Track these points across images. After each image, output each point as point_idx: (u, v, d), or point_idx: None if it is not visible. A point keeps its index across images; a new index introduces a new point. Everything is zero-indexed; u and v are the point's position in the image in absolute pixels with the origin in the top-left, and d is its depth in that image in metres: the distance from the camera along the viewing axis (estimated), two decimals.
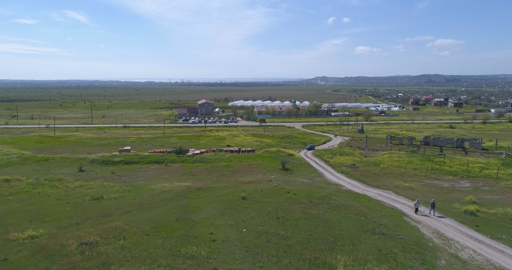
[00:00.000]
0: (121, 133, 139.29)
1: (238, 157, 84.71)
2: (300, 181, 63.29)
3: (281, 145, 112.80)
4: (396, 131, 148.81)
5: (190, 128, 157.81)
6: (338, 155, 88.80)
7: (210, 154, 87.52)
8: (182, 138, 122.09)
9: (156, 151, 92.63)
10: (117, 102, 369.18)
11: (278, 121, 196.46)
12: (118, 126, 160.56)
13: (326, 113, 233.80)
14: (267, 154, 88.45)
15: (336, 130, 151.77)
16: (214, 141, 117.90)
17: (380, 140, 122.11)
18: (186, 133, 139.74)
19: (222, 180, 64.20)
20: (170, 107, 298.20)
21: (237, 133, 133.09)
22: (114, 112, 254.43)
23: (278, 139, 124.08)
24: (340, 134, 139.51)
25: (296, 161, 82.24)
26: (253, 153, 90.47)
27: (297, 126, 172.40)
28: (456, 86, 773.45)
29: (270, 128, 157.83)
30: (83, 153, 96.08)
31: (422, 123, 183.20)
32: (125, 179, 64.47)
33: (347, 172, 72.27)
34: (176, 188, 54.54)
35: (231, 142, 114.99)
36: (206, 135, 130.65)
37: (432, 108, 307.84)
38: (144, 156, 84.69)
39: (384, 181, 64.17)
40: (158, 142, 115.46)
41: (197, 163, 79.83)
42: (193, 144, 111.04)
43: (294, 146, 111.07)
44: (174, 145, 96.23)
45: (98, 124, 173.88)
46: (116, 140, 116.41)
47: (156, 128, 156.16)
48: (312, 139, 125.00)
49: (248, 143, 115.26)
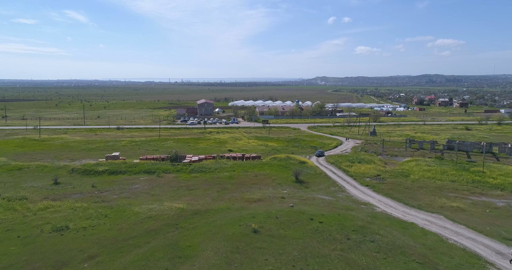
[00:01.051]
0: (113, 135, 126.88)
1: (242, 166, 72.44)
2: (321, 199, 51.10)
3: (289, 149, 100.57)
4: (410, 133, 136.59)
5: (189, 130, 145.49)
6: (357, 163, 76.56)
7: (210, 162, 75.19)
8: (179, 142, 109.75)
9: (148, 158, 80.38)
10: (115, 102, 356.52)
11: (281, 122, 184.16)
12: (111, 128, 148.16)
13: (331, 114, 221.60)
14: (276, 162, 76.16)
15: (346, 132, 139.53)
16: (214, 145, 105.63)
17: (397, 144, 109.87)
18: (183, 135, 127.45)
19: (225, 196, 52.00)
20: (169, 107, 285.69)
21: (239, 136, 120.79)
22: (110, 113, 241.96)
23: (284, 142, 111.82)
24: (351, 136, 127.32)
25: (310, 170, 70.01)
26: (259, 161, 78.13)
27: (303, 127, 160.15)
28: (457, 86, 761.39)
29: (274, 130, 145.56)
30: (65, 159, 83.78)
31: (435, 125, 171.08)
32: (106, 196, 52.17)
33: (373, 185, 60.09)
34: (166, 212, 42.30)
35: (233, 146, 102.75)
36: (205, 138, 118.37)
37: (437, 108, 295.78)
38: (134, 164, 72.33)
39: (423, 198, 51.97)
40: (153, 146, 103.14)
41: (195, 173, 67.53)
42: (191, 149, 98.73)
43: (303, 151, 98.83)
44: (169, 151, 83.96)
45: (90, 125, 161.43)
46: (105, 144, 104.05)
47: (152, 129, 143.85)
48: (321, 142, 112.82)
49: (252, 147, 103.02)
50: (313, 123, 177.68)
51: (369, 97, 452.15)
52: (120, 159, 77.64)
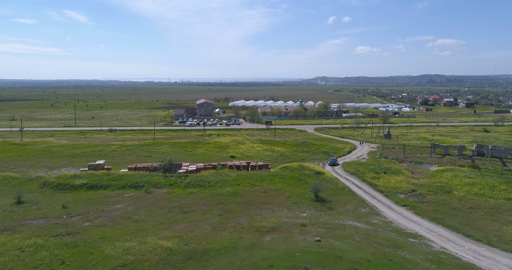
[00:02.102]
0: (104, 138, 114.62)
1: (248, 177, 60.23)
2: (353, 227, 38.99)
3: (298, 155, 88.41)
4: (427, 136, 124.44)
5: (187, 132, 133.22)
6: (383, 174, 64.40)
7: (210, 173, 62.90)
8: (176, 146, 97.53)
9: (137, 167, 68.19)
10: (112, 102, 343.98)
11: (285, 123, 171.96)
12: (103, 129, 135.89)
13: (336, 114, 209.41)
14: (287, 173, 63.94)
15: (357, 134, 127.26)
16: (214, 150, 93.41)
17: (418, 149, 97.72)
18: (181, 138, 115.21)
19: (229, 223, 39.90)
20: (167, 107, 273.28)
21: (242, 139, 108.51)
22: (106, 113, 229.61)
23: (292, 147, 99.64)
24: (364, 139, 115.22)
25: (329, 184, 57.83)
26: (267, 171, 65.85)
27: (309, 129, 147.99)
28: (458, 86, 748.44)
29: (279, 132, 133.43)
30: (42, 168, 71.56)
31: (449, 126, 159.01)
32: (75, 223, 39.97)
33: (412, 204, 47.91)
34: (148, 256, 30.12)
35: (235, 152, 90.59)
36: (204, 141, 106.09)
37: (444, 109, 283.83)
38: (119, 175, 60.05)
39: (484, 225, 39.85)
40: (145, 151, 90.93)
41: (191, 188, 55.28)
42: (188, 155, 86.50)
43: (315, 158, 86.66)
44: (163, 158, 71.72)
45: (82, 126, 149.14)
46: (92, 149, 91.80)
47: (147, 132, 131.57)
48: (333, 146, 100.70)
49: (257, 152, 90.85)
50: (319, 124, 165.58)
51: (371, 97, 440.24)
52: (104, 170, 65.40)
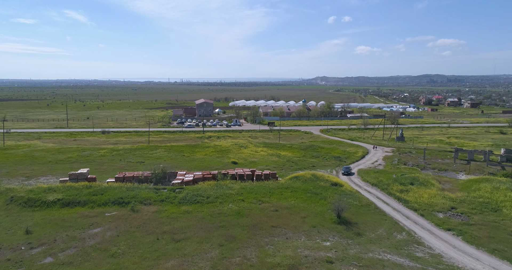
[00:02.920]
0: (95, 141, 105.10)
1: (254, 190, 50.74)
2: (395, 264, 29.53)
3: (307, 161, 78.97)
4: (442, 139, 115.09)
5: (185, 134, 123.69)
6: (410, 185, 54.95)
7: (209, 185, 53.33)
8: (172, 150, 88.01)
9: (126, 176, 58.77)
10: (110, 101, 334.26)
11: (289, 124, 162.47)
12: (95, 131, 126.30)
13: (341, 115, 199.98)
14: (299, 184, 54.43)
15: (367, 137, 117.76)
16: (214, 155, 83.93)
17: (437, 153, 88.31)
18: (178, 141, 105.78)
19: (233, 259, 30.47)
20: (166, 107, 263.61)
21: (245, 142, 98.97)
22: (102, 113, 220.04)
23: (300, 151, 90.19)
24: (376, 142, 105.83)
25: (351, 198, 48.33)
26: (276, 182, 56.26)
27: (314, 130, 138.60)
28: (459, 86, 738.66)
29: (283, 134, 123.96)
30: (18, 177, 62.12)
31: (461, 127, 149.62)
32: (33, 259, 30.41)
33: (458, 228, 38.47)
34: None
35: (238, 157, 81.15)
36: (204, 145, 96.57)
37: (449, 109, 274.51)
38: (101, 189, 50.47)
39: None
40: (138, 156, 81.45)
41: (186, 204, 45.78)
42: (185, 161, 77.02)
43: (326, 164, 77.25)
44: (155, 166, 62.34)
45: (74, 128, 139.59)
46: (79, 154, 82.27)
47: (142, 134, 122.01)
48: (344, 150, 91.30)
49: (262, 158, 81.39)
50: (324, 125, 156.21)
51: (373, 97, 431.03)
52: (85, 181, 55.91)
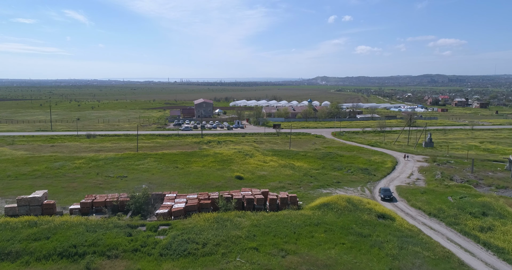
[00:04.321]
0: (75, 147, 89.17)
1: (272, 230, 34.73)
2: None
3: (329, 175, 63.18)
4: (474, 144, 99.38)
5: (181, 138, 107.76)
6: (484, 217, 39.28)
7: (206, 221, 37.14)
8: (163, 160, 72.05)
9: (96, 201, 43.07)
10: (107, 101, 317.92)
11: (295, 126, 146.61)
12: (80, 135, 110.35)
13: (350, 116, 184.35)
14: (334, 217, 38.48)
15: (389, 141, 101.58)
16: (214, 166, 67.98)
17: (481, 164, 72.46)
18: (172, 147, 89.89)
19: None
20: (164, 107, 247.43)
21: (250, 150, 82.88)
22: (95, 114, 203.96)
23: (316, 161, 74.30)
24: (401, 149, 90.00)
25: (415, 244, 32.55)
26: (299, 214, 40.35)
27: (325, 133, 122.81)
28: (460, 86, 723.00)
29: (292, 138, 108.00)
30: None
31: (486, 130, 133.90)
32: None
33: None
34: None
35: (243, 169, 65.28)
36: (201, 153, 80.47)
37: (459, 109, 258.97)
38: (50, 229, 34.32)
39: None
40: (121, 168, 65.55)
41: (170, 260, 29.70)
42: (178, 175, 61.17)
43: (353, 179, 61.45)
44: (135, 187, 46.60)
45: (57, 131, 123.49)
46: (49, 166, 66.24)
47: (132, 138, 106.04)
48: (368, 159, 75.46)
49: (272, 170, 65.52)
50: (335, 127, 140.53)
51: (376, 97, 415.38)
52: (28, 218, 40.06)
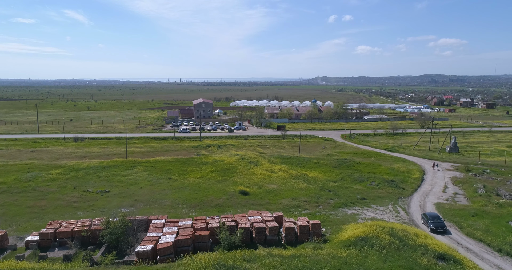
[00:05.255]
0: (58, 153, 78.50)
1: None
2: None
3: (351, 189, 52.70)
4: (502, 148, 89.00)
5: (178, 142, 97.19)
6: None
7: (199, 265, 26.98)
8: (154, 170, 61.45)
9: (60, 231, 32.65)
10: (104, 101, 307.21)
11: (300, 127, 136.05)
12: (67, 138, 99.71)
13: (356, 116, 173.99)
14: (377, 261, 27.97)
15: (407, 145, 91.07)
16: (213, 177, 57.36)
17: None
18: (167, 152, 79.32)
19: None
20: (162, 108, 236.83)
21: (255, 156, 72.23)
22: (90, 114, 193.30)
23: (332, 170, 63.73)
24: (422, 155, 79.55)
25: None
26: (327, 253, 29.75)
27: (334, 136, 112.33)
28: (461, 86, 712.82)
29: (300, 142, 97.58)
30: None
31: (506, 132, 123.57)
32: None
33: None
34: None
35: (247, 182, 54.70)
36: (199, 160, 69.80)
37: (467, 110, 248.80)
38: None
39: None
40: (104, 180, 54.99)
41: None
42: (171, 188, 50.59)
43: (380, 193, 50.89)
44: (112, 212, 36.15)
45: (44, 133, 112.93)
46: (19, 177, 55.59)
47: (124, 142, 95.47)
48: (391, 168, 64.96)
49: (283, 182, 54.93)
50: (343, 129, 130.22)
51: (378, 97, 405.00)
52: None
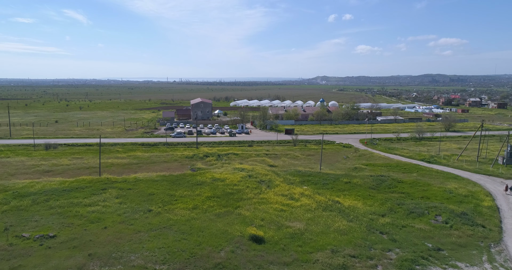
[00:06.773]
0: (18, 165, 61.40)
1: None
2: None
3: (410, 228, 35.58)
4: None
5: (170, 149, 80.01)
6: None
7: None
8: (130, 196, 44.27)
9: None
10: (99, 101, 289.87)
11: (310, 130, 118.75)
12: (38, 144, 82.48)
13: (369, 118, 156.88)
14: None
15: (447, 155, 73.84)
16: (211, 208, 40.02)
17: None
18: (154, 165, 62.22)
19: None
20: (159, 108, 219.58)
21: (266, 173, 54.95)
22: (79, 115, 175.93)
23: (372, 194, 46.63)
24: (475, 168, 62.70)
25: None
26: None
27: (352, 141, 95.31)
28: (462, 86, 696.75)
29: (313, 149, 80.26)
30: None
31: None
32: None
33: None
34: None
35: (260, 216, 37.52)
36: (194, 178, 52.53)
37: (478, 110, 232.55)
38: None
39: None
40: (56, 214, 37.82)
41: None
42: (148, 231, 33.10)
43: (458, 238, 33.86)
44: None
45: (16, 138, 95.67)
46: None
47: (104, 150, 78.09)
48: (447, 190, 48.00)
49: (311, 219, 37.63)
50: (357, 132, 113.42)
51: (382, 97, 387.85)
52: None
